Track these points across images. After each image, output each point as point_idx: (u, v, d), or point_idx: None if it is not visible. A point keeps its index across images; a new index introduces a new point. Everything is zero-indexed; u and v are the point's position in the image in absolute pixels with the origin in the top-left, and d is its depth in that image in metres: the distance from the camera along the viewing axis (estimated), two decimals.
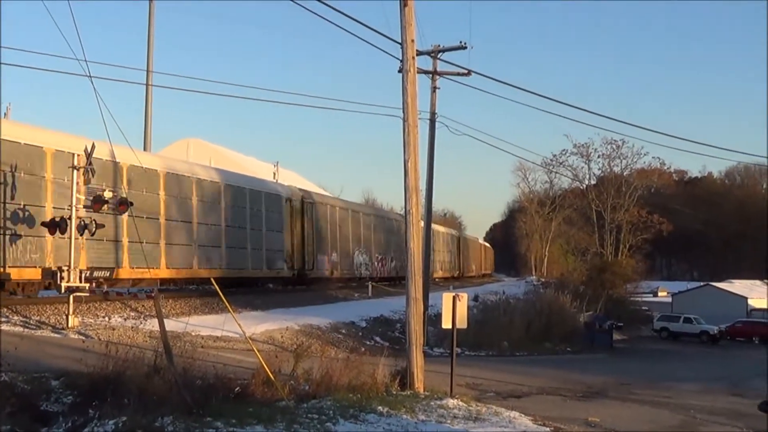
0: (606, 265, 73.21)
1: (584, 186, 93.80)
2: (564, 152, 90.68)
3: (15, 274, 21.34)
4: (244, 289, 33.60)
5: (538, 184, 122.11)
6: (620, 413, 18.88)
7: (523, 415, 16.59)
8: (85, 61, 15.05)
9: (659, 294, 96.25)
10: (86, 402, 12.02)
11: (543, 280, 78.71)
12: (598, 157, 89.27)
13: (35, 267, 21.86)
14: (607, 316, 51.34)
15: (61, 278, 20.26)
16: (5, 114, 23.54)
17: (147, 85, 36.75)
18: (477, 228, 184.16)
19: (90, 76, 15.40)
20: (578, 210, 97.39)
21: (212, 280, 19.11)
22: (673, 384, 26.19)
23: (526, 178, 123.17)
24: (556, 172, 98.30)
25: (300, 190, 41.56)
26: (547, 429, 15.62)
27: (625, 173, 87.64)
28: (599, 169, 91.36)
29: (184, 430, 10.83)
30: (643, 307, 75.40)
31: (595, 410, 18.54)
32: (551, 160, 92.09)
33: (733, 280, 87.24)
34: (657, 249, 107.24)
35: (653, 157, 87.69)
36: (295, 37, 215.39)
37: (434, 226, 50.60)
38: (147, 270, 26.15)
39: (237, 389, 14.18)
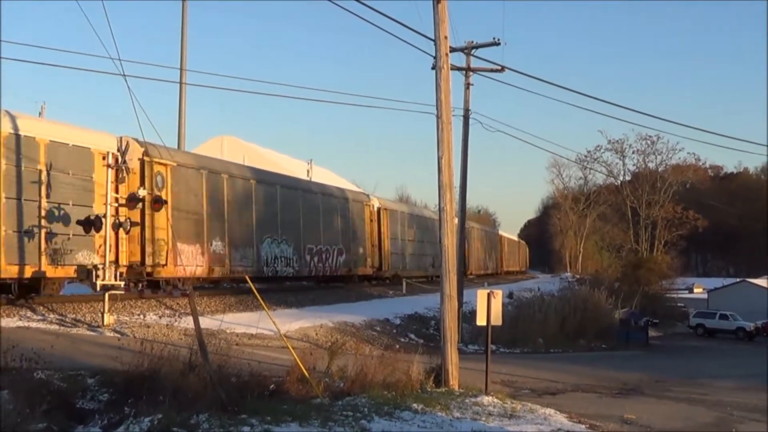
0: (641, 261, 72.87)
1: (619, 182, 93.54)
2: (598, 148, 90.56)
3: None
4: (276, 287, 33.57)
5: (572, 180, 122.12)
6: (656, 410, 18.70)
7: (558, 413, 16.49)
8: (119, 59, 15.09)
9: (695, 290, 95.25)
10: (122, 399, 12.11)
11: (578, 276, 78.25)
12: (633, 152, 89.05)
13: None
14: (643, 312, 51.08)
15: (97, 276, 20.40)
16: (40, 113, 23.78)
17: (180, 83, 36.89)
18: (511, 225, 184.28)
19: (124, 75, 15.46)
20: (613, 206, 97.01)
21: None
22: (708, 381, 25.91)
23: (560, 174, 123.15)
24: (590, 168, 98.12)
25: (144, 143, 25.11)
26: (583, 426, 15.51)
27: (660, 169, 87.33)
28: (634, 165, 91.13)
29: (219, 427, 10.87)
30: (679, 304, 74.80)
31: (631, 407, 18.36)
32: (586, 156, 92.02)
33: None
34: (692, 245, 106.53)
35: (688, 153, 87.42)
36: (330, 35, 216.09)
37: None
38: None
39: (272, 386, 14.21)
